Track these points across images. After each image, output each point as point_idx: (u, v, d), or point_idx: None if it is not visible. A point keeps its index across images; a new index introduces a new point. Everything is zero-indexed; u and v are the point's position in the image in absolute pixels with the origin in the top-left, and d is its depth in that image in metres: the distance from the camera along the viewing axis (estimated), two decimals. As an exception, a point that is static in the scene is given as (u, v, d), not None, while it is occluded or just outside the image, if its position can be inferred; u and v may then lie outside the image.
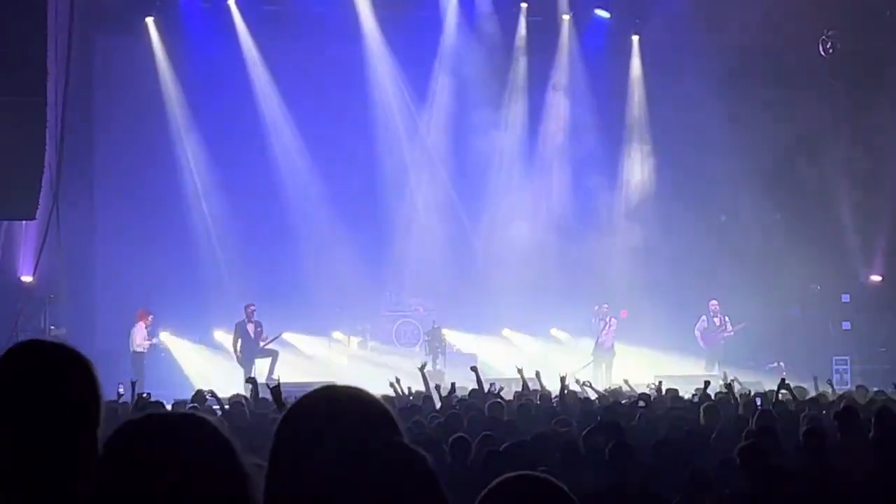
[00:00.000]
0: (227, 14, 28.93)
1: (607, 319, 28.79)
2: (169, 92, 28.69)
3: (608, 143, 31.09)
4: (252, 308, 26.74)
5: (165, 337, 27.80)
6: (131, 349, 26.03)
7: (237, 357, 26.51)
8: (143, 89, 28.15)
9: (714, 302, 29.01)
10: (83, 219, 27.24)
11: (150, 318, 26.77)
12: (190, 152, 28.94)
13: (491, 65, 30.22)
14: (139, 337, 26.31)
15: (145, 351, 26.33)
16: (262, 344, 26.57)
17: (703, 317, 29.11)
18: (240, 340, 26.44)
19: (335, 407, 2.90)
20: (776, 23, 28.03)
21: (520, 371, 18.58)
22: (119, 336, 26.08)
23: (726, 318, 29.00)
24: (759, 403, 15.14)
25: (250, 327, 26.47)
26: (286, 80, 29.15)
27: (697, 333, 29.00)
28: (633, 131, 31.62)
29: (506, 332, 30.12)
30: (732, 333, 28.91)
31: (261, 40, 29.05)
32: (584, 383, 19.24)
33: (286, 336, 27.63)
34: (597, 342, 28.85)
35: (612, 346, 28.71)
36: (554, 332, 30.48)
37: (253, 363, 26.22)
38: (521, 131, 31.13)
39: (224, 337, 27.80)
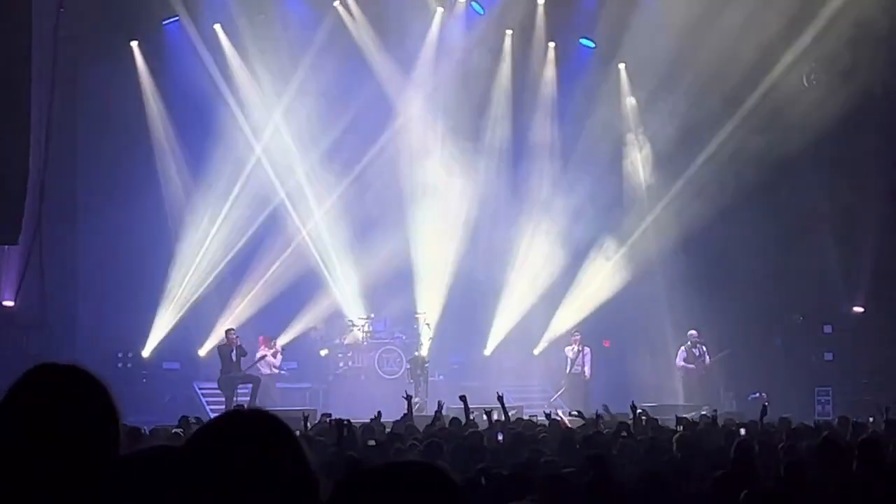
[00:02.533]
0: (213, 38, 28.90)
1: (581, 348, 28.83)
2: (154, 116, 28.64)
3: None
4: (233, 333, 26.68)
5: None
6: (252, 372, 26.81)
7: (218, 384, 26.47)
8: (127, 114, 28.09)
9: (693, 332, 29.01)
10: (66, 243, 27.16)
11: (273, 342, 27.56)
12: (175, 176, 28.85)
13: (473, 91, 30.26)
14: (268, 361, 27.34)
15: (272, 373, 27.34)
16: (245, 370, 26.52)
17: (683, 348, 29.10)
18: (221, 366, 26.39)
19: (235, 430, 2.92)
20: (760, 51, 28.13)
21: (500, 398, 18.55)
22: (102, 362, 25.98)
23: (705, 349, 28.99)
24: (742, 433, 15.12)
25: (232, 352, 26.41)
26: (273, 103, 29.11)
27: (679, 364, 28.96)
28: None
29: (488, 350, 30.14)
30: (711, 364, 28.90)
31: (248, 63, 29.02)
32: (572, 412, 19.29)
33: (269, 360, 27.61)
34: (570, 371, 28.96)
35: (588, 374, 28.71)
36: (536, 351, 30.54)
37: (235, 389, 26.13)
38: (504, 162, 31.09)
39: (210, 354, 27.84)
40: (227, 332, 26.81)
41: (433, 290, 29.79)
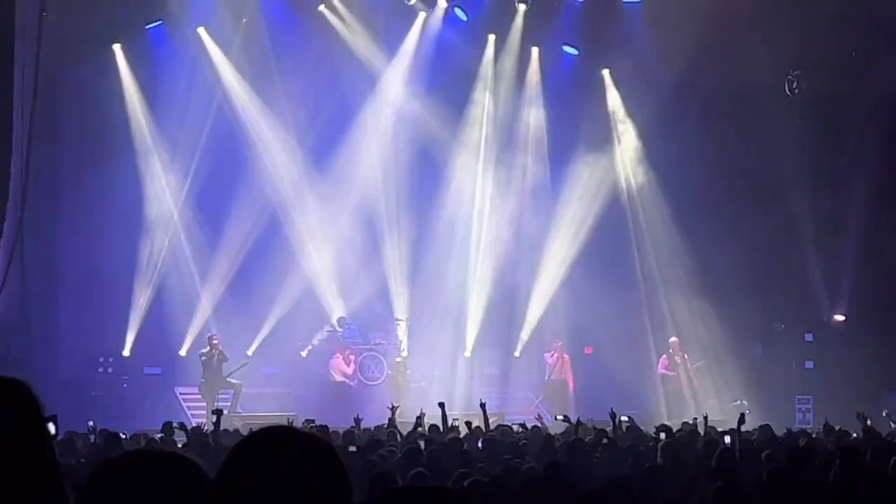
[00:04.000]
0: (196, 41, 28.83)
1: (560, 355, 28.86)
2: (136, 119, 28.53)
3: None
4: (214, 339, 26.67)
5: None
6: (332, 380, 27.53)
7: (199, 389, 26.47)
8: (110, 117, 28.00)
9: (674, 339, 29.06)
10: (47, 246, 27.08)
11: (346, 351, 27.88)
12: (158, 180, 28.74)
13: (455, 96, 30.30)
14: (340, 369, 27.65)
15: (344, 381, 27.61)
16: (226, 376, 26.51)
17: (664, 355, 29.13)
18: (202, 372, 26.35)
19: (277, 448, 2.90)
20: (743, 62, 28.20)
21: (482, 406, 18.56)
22: (83, 366, 25.91)
23: (686, 356, 29.04)
24: (727, 442, 15.13)
25: (213, 359, 26.37)
26: (258, 106, 29.08)
27: (661, 372, 28.99)
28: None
29: (467, 354, 30.15)
30: (693, 370, 28.95)
31: (232, 66, 28.97)
32: (560, 417, 19.36)
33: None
34: (549, 378, 29.02)
35: (567, 381, 28.74)
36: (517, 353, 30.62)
37: (216, 395, 26.11)
38: (487, 163, 31.10)
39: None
40: (210, 338, 26.83)
41: (413, 296, 29.79)
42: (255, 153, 29.14)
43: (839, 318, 30.59)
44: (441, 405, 18.14)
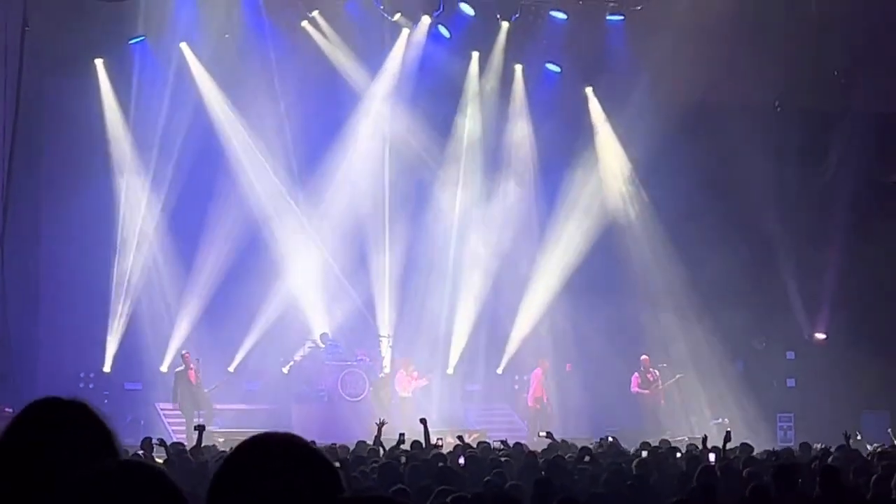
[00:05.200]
0: (179, 56, 28.79)
1: (531, 372, 28.73)
2: (116, 134, 28.43)
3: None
4: (187, 354, 26.73)
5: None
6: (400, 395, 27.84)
7: (177, 405, 26.47)
8: (92, 131, 27.95)
9: (645, 357, 29.09)
10: (28, 263, 27.00)
11: (410, 367, 28.22)
12: (137, 195, 28.63)
13: (439, 113, 30.34)
14: (404, 383, 27.95)
15: (410, 396, 27.77)
16: (205, 391, 26.50)
17: (636, 373, 29.16)
18: (179, 388, 26.37)
19: (268, 456, 2.91)
20: (725, 79, 28.29)
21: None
22: (64, 381, 25.79)
23: (657, 373, 29.07)
24: (711, 460, 15.14)
25: (190, 374, 26.39)
26: (240, 122, 29.04)
27: (634, 390, 29.00)
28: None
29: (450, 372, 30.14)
30: (664, 389, 28.97)
31: (214, 81, 28.94)
32: (543, 434, 19.40)
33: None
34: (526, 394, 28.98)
35: (541, 397, 28.58)
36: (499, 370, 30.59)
37: (195, 411, 26.08)
38: (476, 183, 31.10)
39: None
40: (183, 354, 26.86)
41: (398, 313, 29.77)
42: (237, 168, 29.09)
43: (820, 335, 30.66)
44: (423, 421, 18.10)
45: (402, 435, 17.95)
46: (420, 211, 30.39)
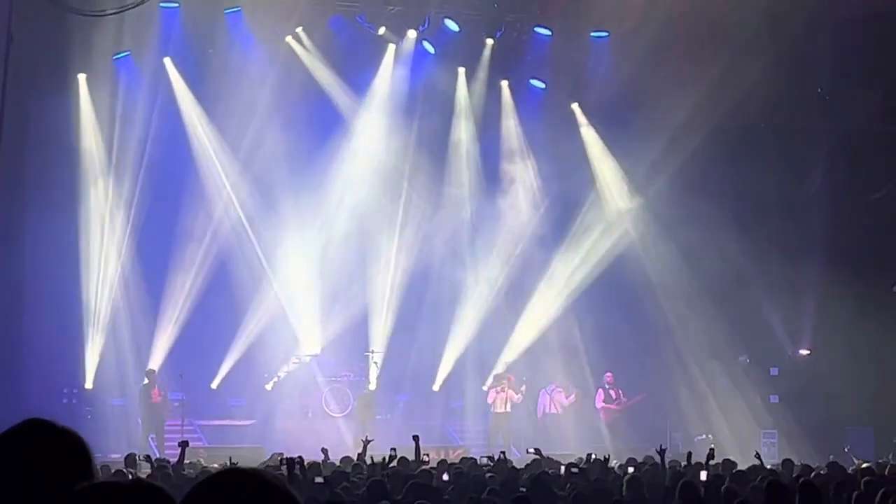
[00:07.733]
0: (163, 71, 28.78)
1: (500, 388, 28.59)
2: (91, 150, 28.37)
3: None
4: (153, 373, 26.70)
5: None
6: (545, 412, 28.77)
7: (141, 423, 26.48)
8: (71, 147, 27.92)
9: (609, 374, 29.13)
10: (11, 277, 26.93)
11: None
12: (117, 209, 28.55)
13: (426, 128, 30.37)
14: (560, 401, 28.86)
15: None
16: (169, 410, 26.64)
17: (600, 390, 29.17)
18: (142, 404, 26.61)
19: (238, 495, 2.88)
20: (709, 95, 28.35)
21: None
22: (47, 396, 25.70)
23: (621, 391, 29.11)
24: (703, 478, 15.12)
25: (154, 392, 26.42)
26: (223, 136, 29.03)
27: (599, 405, 29.03)
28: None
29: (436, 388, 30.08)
30: (626, 405, 29.00)
31: (197, 97, 28.95)
32: (532, 451, 19.43)
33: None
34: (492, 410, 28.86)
35: (507, 412, 28.43)
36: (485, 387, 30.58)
37: (161, 427, 26.19)
38: (461, 196, 31.11)
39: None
40: (148, 373, 26.90)
41: (390, 329, 29.72)
42: (219, 184, 29.08)
43: (804, 352, 30.70)
44: (415, 438, 18.24)
45: (393, 450, 17.97)
46: (412, 227, 30.31)
